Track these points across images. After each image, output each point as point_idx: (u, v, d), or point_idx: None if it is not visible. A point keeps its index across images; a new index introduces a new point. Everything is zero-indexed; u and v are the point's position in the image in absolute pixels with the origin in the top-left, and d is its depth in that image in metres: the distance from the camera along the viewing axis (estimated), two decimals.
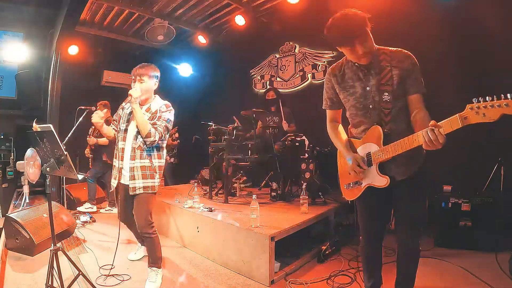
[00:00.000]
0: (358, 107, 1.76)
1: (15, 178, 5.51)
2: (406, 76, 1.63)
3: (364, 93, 1.71)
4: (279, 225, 2.76)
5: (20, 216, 3.02)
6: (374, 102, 1.69)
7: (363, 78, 1.71)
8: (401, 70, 1.63)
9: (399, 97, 1.65)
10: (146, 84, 2.47)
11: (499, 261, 2.63)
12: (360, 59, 1.66)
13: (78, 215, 4.32)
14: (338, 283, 2.46)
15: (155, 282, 2.46)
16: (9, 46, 5.62)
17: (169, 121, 2.51)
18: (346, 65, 1.80)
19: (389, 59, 1.66)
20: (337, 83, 1.83)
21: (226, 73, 6.96)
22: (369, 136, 1.74)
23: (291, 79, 5.74)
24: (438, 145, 1.38)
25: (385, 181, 1.67)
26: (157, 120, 2.46)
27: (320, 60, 5.29)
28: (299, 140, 4.10)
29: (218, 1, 5.35)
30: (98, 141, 4.76)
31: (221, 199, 3.89)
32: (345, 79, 1.79)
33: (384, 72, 1.65)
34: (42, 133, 2.01)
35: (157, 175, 2.50)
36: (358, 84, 1.73)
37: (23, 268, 2.73)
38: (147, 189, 2.44)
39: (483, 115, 1.22)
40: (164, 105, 2.53)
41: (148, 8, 5.52)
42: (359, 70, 1.72)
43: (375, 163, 1.70)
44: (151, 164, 2.47)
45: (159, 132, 2.41)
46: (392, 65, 1.64)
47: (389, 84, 1.64)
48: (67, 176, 2.13)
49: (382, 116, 1.67)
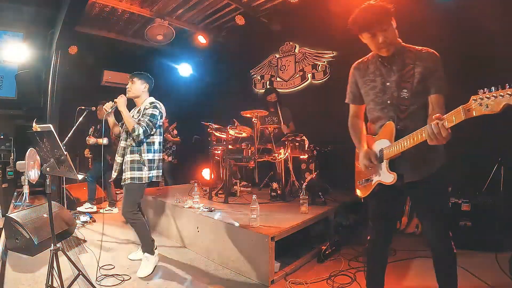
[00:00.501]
0: (377, 102, 1.75)
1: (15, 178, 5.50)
2: (428, 75, 1.61)
3: (384, 88, 1.71)
4: (279, 225, 2.76)
5: (20, 216, 3.02)
6: (393, 97, 1.68)
7: (385, 73, 1.72)
8: (424, 68, 1.61)
9: (419, 95, 1.63)
10: (135, 84, 2.87)
11: (499, 261, 2.63)
12: (380, 49, 1.66)
13: (78, 215, 4.32)
14: (338, 283, 2.46)
15: (146, 267, 2.72)
16: (9, 46, 5.62)
17: (153, 116, 2.76)
18: (370, 60, 1.81)
19: (414, 56, 1.65)
20: (359, 77, 1.84)
21: (226, 73, 6.96)
22: (383, 132, 1.73)
23: (291, 79, 5.74)
24: (441, 140, 1.35)
25: (392, 178, 1.65)
26: (141, 117, 2.76)
27: (320, 60, 5.29)
28: (299, 140, 4.10)
29: (218, 1, 5.35)
30: (98, 141, 4.76)
31: (221, 199, 3.89)
32: (367, 73, 1.80)
33: (406, 69, 1.65)
34: (42, 133, 2.01)
35: (145, 167, 2.76)
36: (379, 79, 1.73)
37: (23, 268, 2.72)
38: (134, 179, 2.73)
39: (486, 106, 1.17)
40: (149, 103, 2.84)
41: (148, 8, 5.53)
42: (382, 65, 1.73)
43: (386, 159, 1.69)
44: (140, 158, 2.76)
45: (142, 126, 2.68)
46: (415, 63, 1.63)
47: (409, 81, 1.63)
48: (67, 176, 2.13)
49: (398, 112, 1.66)
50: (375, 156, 1.74)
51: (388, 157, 1.67)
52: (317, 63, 5.33)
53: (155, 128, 2.79)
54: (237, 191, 4.26)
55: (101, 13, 5.59)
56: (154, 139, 2.84)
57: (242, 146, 4.33)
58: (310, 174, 4.03)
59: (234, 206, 3.62)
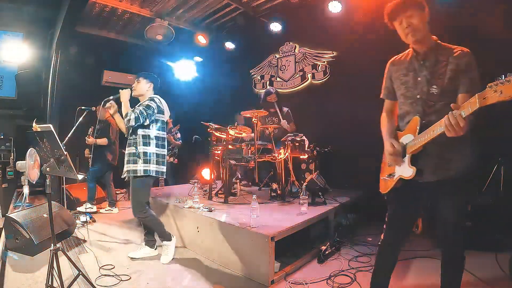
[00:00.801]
0: (407, 96, 1.76)
1: (15, 178, 5.50)
2: (460, 74, 1.60)
3: (415, 83, 1.72)
4: (279, 225, 2.76)
5: (20, 216, 3.02)
6: (422, 92, 1.69)
7: (417, 68, 1.73)
8: (457, 66, 1.60)
9: (448, 93, 1.62)
10: (141, 84, 2.97)
11: (499, 261, 2.63)
12: (406, 35, 1.68)
13: (78, 215, 4.32)
14: (338, 283, 2.46)
15: (167, 254, 2.95)
16: (9, 46, 5.63)
17: (148, 107, 2.83)
18: (406, 56, 1.83)
19: (447, 54, 1.65)
20: (394, 72, 1.86)
21: (226, 73, 6.96)
22: (409, 127, 1.74)
23: (291, 79, 5.74)
24: (459, 130, 1.35)
25: (412, 172, 1.65)
26: (137, 106, 2.87)
27: (320, 60, 5.29)
28: (299, 140, 4.10)
29: (218, 1, 5.36)
30: (97, 141, 4.76)
31: (221, 199, 3.89)
32: (401, 68, 1.82)
33: (438, 66, 1.65)
34: (42, 133, 2.01)
35: (140, 160, 2.81)
36: (411, 74, 1.75)
37: (23, 268, 2.73)
38: (129, 172, 2.82)
39: (500, 92, 1.17)
40: (148, 97, 2.94)
41: (148, 8, 5.53)
42: (415, 60, 1.74)
43: (408, 153, 1.70)
44: (135, 150, 2.82)
45: (135, 113, 2.76)
46: (448, 61, 1.63)
47: (441, 78, 1.63)
48: (67, 176, 2.14)
49: (425, 107, 1.67)
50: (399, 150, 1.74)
51: (410, 151, 1.68)
52: (317, 63, 5.33)
53: (148, 119, 2.83)
54: (237, 191, 4.26)
55: (101, 13, 5.59)
56: (149, 132, 2.88)
57: (242, 146, 4.33)
58: (310, 174, 4.03)
59: (234, 206, 3.62)
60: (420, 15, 1.63)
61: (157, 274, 2.69)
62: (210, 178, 4.28)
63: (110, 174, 5.00)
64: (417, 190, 1.73)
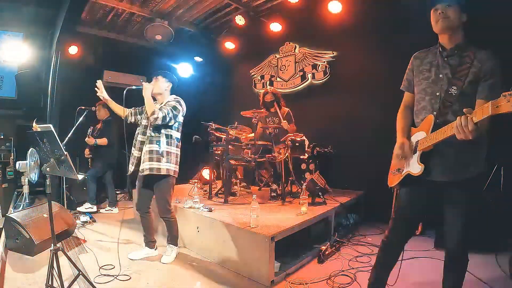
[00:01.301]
0: (426, 91, 1.75)
1: (15, 178, 5.50)
2: (482, 78, 1.58)
3: (436, 80, 1.72)
4: (279, 225, 2.76)
5: (20, 216, 3.02)
6: (442, 90, 1.68)
7: (441, 65, 1.72)
8: (479, 70, 1.59)
9: (466, 95, 1.61)
10: (159, 82, 2.92)
11: (499, 261, 2.63)
12: (437, 21, 1.67)
13: (78, 215, 4.32)
14: (338, 283, 2.46)
15: (169, 256, 2.96)
16: (9, 46, 5.62)
17: (176, 108, 2.82)
18: (431, 51, 1.82)
19: (473, 56, 1.63)
20: (417, 65, 1.85)
21: (226, 73, 6.96)
22: (423, 124, 1.74)
23: (291, 79, 5.74)
24: (468, 134, 1.34)
25: (420, 169, 1.66)
26: (163, 105, 2.85)
27: (320, 60, 5.28)
28: (299, 141, 4.10)
29: (218, 1, 5.35)
30: (97, 141, 4.76)
31: (221, 199, 3.89)
32: (424, 63, 1.81)
33: (461, 67, 1.64)
34: (42, 133, 2.01)
35: (164, 158, 2.80)
36: (434, 70, 1.74)
37: (23, 268, 2.73)
38: (152, 170, 2.77)
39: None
40: (173, 98, 2.94)
41: (148, 8, 5.53)
42: (440, 57, 1.73)
43: (419, 150, 1.70)
44: (158, 149, 2.79)
45: (163, 112, 2.72)
46: (472, 63, 1.61)
47: (462, 79, 1.62)
48: (67, 176, 2.14)
49: (442, 106, 1.66)
50: (410, 148, 1.76)
51: (421, 148, 1.68)
52: (317, 63, 5.33)
53: (173, 120, 2.84)
54: (237, 191, 4.26)
55: (101, 13, 5.59)
56: (171, 132, 2.90)
57: (242, 146, 4.33)
58: (310, 174, 4.03)
59: (234, 206, 3.62)
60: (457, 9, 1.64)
61: (157, 274, 2.69)
62: (210, 178, 4.28)
63: (110, 174, 5.00)
64: (425, 188, 1.73)
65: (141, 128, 2.96)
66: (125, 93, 2.89)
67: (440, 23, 1.67)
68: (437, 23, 1.68)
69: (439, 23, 1.67)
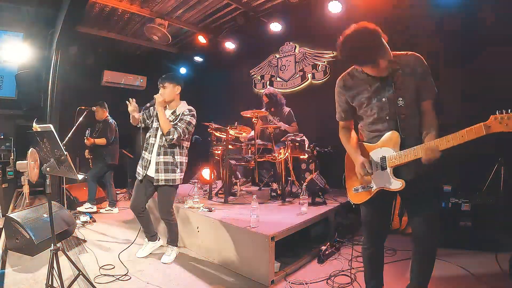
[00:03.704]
0: (375, 118, 1.76)
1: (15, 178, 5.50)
2: (420, 82, 1.66)
3: (381, 105, 1.72)
4: (279, 225, 2.76)
5: (20, 216, 3.02)
6: (390, 112, 1.70)
7: (379, 89, 1.71)
8: (415, 75, 1.65)
9: (413, 102, 1.68)
10: (167, 89, 2.86)
11: (499, 261, 2.63)
12: (381, 72, 1.66)
13: (78, 215, 4.32)
14: (338, 283, 2.46)
15: (169, 255, 2.98)
16: (9, 46, 5.62)
17: (190, 124, 2.86)
18: (356, 76, 1.79)
19: (403, 63, 1.66)
20: (350, 97, 1.83)
21: (226, 73, 6.95)
22: (386, 141, 1.74)
23: (291, 79, 5.74)
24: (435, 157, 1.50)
25: (400, 184, 1.69)
26: (179, 122, 2.83)
27: (320, 60, 5.29)
28: (299, 141, 4.10)
29: (218, 1, 5.34)
30: (95, 141, 4.76)
31: (221, 199, 3.89)
32: (360, 90, 1.78)
33: (399, 80, 1.66)
34: (42, 133, 2.01)
35: (178, 169, 2.88)
36: (374, 96, 1.73)
37: (23, 268, 2.73)
38: (168, 181, 2.84)
39: (505, 125, 1.34)
40: (187, 109, 2.90)
41: (148, 8, 5.52)
42: (373, 81, 1.72)
43: (390, 167, 1.72)
44: (173, 160, 2.85)
45: (178, 132, 2.76)
46: (405, 72, 1.66)
47: (401, 88, 1.66)
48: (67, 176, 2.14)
49: (399, 122, 1.69)
50: (374, 165, 1.77)
51: (393, 165, 1.70)
52: (317, 63, 5.33)
53: (188, 135, 2.90)
54: (237, 191, 4.26)
55: (101, 13, 5.59)
56: (184, 143, 2.96)
57: (242, 146, 4.33)
58: (310, 174, 4.03)
59: (234, 206, 3.62)
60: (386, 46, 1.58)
61: (157, 274, 2.69)
62: (210, 178, 4.28)
63: (110, 174, 5.00)
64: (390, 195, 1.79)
65: (153, 131, 2.96)
66: (142, 113, 2.95)
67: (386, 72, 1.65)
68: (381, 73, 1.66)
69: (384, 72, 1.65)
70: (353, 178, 1.92)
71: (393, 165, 1.70)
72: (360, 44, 1.55)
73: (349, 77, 1.82)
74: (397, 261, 2.82)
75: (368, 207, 1.90)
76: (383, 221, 1.96)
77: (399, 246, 3.09)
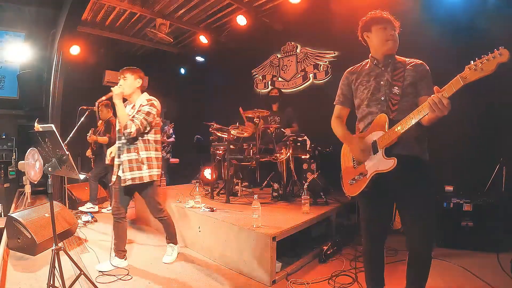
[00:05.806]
0: (371, 99, 1.86)
1: (17, 177, 5.52)
2: (419, 79, 1.76)
3: (378, 87, 1.84)
4: (281, 225, 2.76)
5: (22, 215, 3.03)
6: (386, 94, 1.81)
7: (380, 73, 1.86)
8: (415, 72, 1.78)
9: (408, 94, 1.77)
10: (128, 80, 2.70)
11: (501, 262, 2.62)
12: (387, 41, 1.81)
13: (80, 215, 4.33)
14: (340, 283, 2.46)
15: (171, 255, 2.94)
16: (11, 46, 5.65)
17: (149, 114, 2.64)
18: (364, 66, 1.98)
19: (404, 63, 1.83)
20: (355, 79, 1.97)
21: (227, 73, 6.95)
22: (374, 125, 1.81)
23: (293, 79, 5.73)
24: (443, 109, 1.42)
25: (392, 162, 1.68)
26: (136, 113, 2.64)
27: (321, 60, 5.28)
28: (301, 141, 4.10)
29: (219, 1, 5.35)
30: (98, 139, 4.76)
31: (222, 199, 3.89)
32: (362, 75, 1.94)
33: (397, 71, 1.82)
34: (43, 133, 2.01)
35: (144, 166, 2.68)
36: (373, 79, 1.87)
37: (25, 267, 2.73)
38: (135, 180, 2.65)
39: (481, 69, 1.31)
40: (145, 100, 2.71)
41: (149, 8, 5.53)
42: (377, 68, 1.89)
43: (381, 148, 1.74)
44: (137, 156, 2.66)
45: (135, 124, 2.55)
46: (405, 68, 1.81)
47: (400, 80, 1.78)
48: (69, 176, 2.14)
49: (390, 106, 1.78)
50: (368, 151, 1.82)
51: (383, 145, 1.73)
52: (318, 63, 5.32)
53: (149, 127, 2.69)
54: (239, 191, 4.26)
55: (102, 13, 5.60)
56: (148, 137, 2.72)
57: (244, 146, 4.33)
58: (311, 174, 4.02)
59: (235, 206, 3.62)
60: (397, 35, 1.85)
61: (158, 274, 2.69)
62: (212, 178, 4.28)
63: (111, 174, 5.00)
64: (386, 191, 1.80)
65: (118, 133, 2.77)
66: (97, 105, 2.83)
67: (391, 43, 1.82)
68: (387, 42, 1.82)
69: (389, 43, 1.82)
70: (349, 170, 1.98)
71: (383, 145, 1.72)
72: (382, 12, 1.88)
73: (358, 66, 2.02)
74: (398, 261, 2.82)
75: (365, 200, 1.92)
76: (381, 220, 1.96)
77: (399, 246, 3.08)
